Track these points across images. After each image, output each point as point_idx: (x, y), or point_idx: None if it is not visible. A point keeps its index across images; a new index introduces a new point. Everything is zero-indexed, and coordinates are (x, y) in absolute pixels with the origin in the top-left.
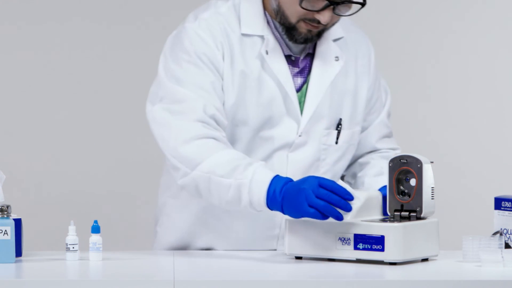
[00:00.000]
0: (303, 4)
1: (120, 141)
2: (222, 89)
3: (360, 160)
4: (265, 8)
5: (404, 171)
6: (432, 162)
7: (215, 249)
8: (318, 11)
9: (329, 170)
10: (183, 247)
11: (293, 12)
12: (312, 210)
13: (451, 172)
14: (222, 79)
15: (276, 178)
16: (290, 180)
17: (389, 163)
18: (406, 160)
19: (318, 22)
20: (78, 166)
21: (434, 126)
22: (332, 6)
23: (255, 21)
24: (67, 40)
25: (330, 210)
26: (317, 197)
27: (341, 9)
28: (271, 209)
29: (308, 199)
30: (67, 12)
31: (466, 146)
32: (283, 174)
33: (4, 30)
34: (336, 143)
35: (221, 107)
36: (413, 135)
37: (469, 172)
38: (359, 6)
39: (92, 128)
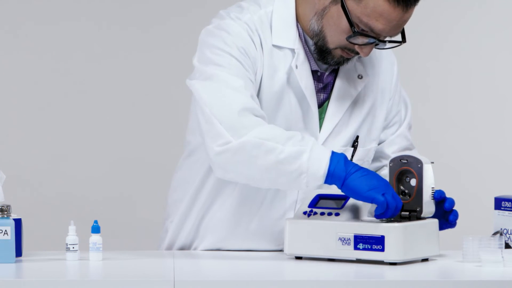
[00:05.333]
0: (351, 39)
1: (120, 142)
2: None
3: (384, 172)
4: (297, 19)
5: (405, 171)
6: (432, 163)
7: (225, 249)
8: (360, 45)
9: None
10: (192, 246)
11: (335, 40)
12: (392, 190)
13: (451, 172)
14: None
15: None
16: None
17: (390, 163)
18: (407, 160)
19: (356, 52)
20: (78, 166)
21: (434, 126)
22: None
23: (287, 33)
24: (68, 41)
25: (398, 201)
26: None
27: (382, 44)
28: (328, 179)
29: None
30: (68, 13)
31: (466, 146)
32: (296, 190)
33: (4, 31)
34: (351, 160)
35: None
36: (413, 135)
37: (469, 172)
38: (399, 43)
39: (92, 128)
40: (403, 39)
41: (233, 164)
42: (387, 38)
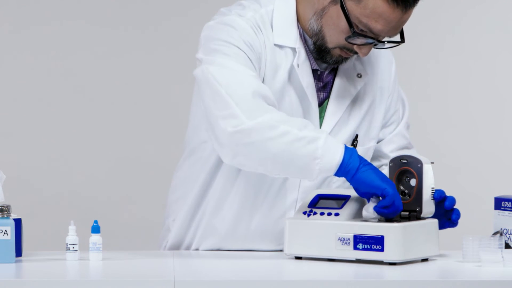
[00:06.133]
0: (350, 40)
1: (120, 142)
2: None
3: (383, 172)
4: (297, 18)
5: (405, 171)
6: (432, 163)
7: (225, 249)
8: (359, 45)
9: (341, 186)
10: (192, 245)
11: (334, 39)
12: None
13: (451, 172)
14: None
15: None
16: None
17: (389, 163)
18: (407, 160)
19: (355, 52)
20: (78, 166)
21: (434, 126)
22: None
23: (288, 32)
24: (68, 41)
25: (398, 202)
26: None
27: (381, 45)
28: (341, 168)
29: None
30: (70, 14)
31: (466, 146)
32: (296, 186)
33: (5, 31)
34: None
35: None
36: (413, 135)
37: (469, 172)
38: (397, 43)
39: (92, 128)
40: (402, 39)
41: (245, 146)
42: (386, 39)
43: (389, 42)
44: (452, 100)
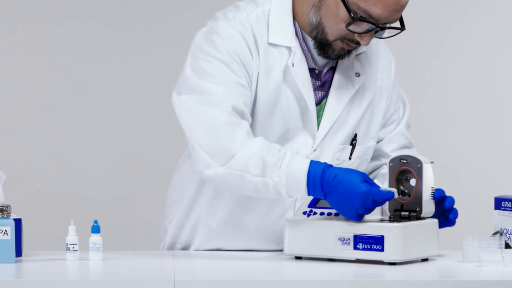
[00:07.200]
0: (350, 27)
1: (120, 142)
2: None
3: (383, 172)
4: (294, 17)
5: (404, 171)
6: (432, 162)
7: (225, 249)
8: (360, 34)
9: None
10: (191, 246)
11: (335, 30)
12: (359, 218)
13: (451, 172)
14: (251, 82)
15: (312, 167)
16: (329, 166)
17: (389, 163)
18: (406, 160)
19: (356, 42)
20: (78, 166)
21: (434, 126)
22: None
23: (284, 31)
24: (68, 41)
25: (376, 204)
26: (367, 207)
27: (381, 32)
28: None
29: (360, 207)
30: (69, 13)
31: (466, 146)
32: None
33: (5, 31)
34: (350, 158)
35: (249, 106)
36: (413, 135)
37: (469, 172)
38: (398, 30)
39: (93, 128)
40: (402, 26)
41: (223, 186)
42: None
43: (390, 28)
44: (452, 100)
